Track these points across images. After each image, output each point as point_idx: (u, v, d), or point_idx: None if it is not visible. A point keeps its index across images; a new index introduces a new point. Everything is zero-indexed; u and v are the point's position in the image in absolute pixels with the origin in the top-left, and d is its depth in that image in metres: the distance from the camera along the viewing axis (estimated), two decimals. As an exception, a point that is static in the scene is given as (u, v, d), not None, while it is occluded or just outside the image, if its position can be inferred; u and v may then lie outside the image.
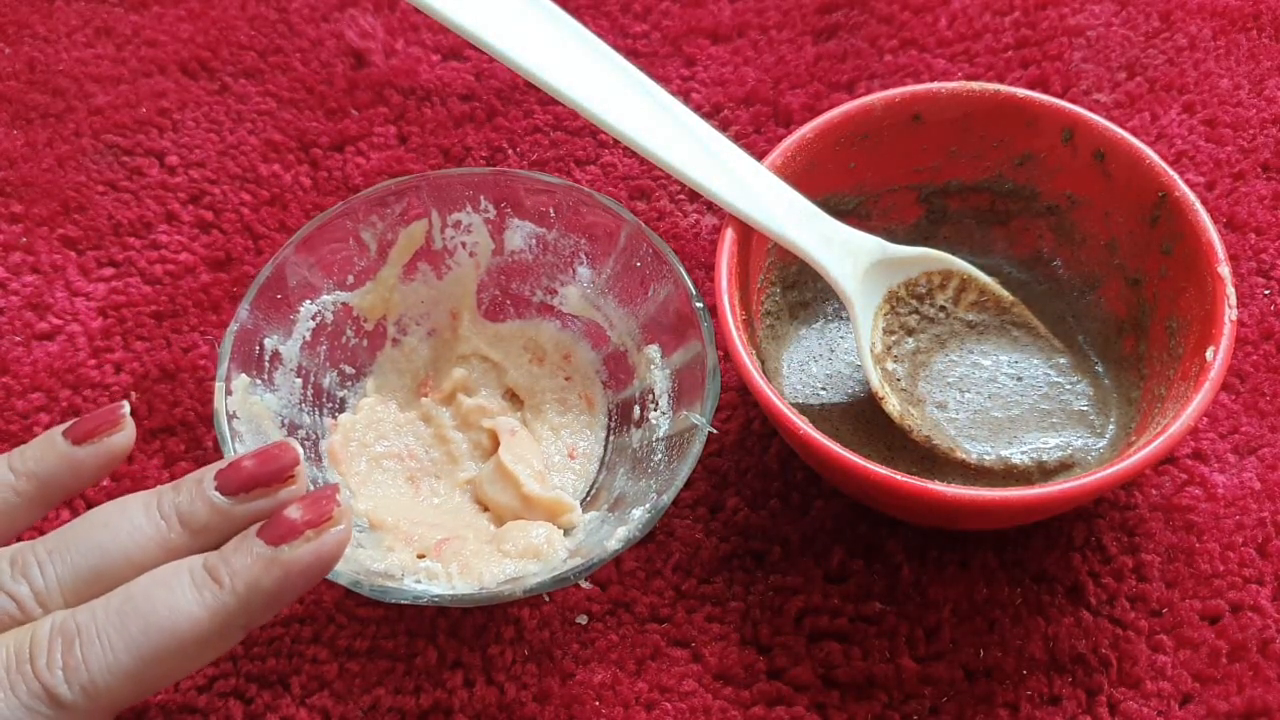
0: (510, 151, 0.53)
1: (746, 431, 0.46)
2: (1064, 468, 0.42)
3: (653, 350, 0.43)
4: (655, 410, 0.43)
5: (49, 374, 0.47)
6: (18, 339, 0.48)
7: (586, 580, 0.43)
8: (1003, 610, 0.42)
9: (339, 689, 0.41)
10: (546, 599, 0.42)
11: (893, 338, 0.44)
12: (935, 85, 0.44)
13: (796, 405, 0.44)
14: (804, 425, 0.37)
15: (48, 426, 0.46)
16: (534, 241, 0.45)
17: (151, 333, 0.49)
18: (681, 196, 0.52)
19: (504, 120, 0.54)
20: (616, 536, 0.38)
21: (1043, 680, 0.40)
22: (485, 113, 0.54)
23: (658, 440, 0.42)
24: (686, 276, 0.41)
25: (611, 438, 0.45)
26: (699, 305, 0.41)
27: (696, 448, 0.39)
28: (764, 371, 0.39)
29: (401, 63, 0.56)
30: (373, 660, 0.41)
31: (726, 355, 0.40)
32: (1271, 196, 0.51)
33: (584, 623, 0.42)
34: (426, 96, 0.55)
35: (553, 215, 0.45)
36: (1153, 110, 0.53)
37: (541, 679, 0.41)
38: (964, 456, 0.42)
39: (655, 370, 0.43)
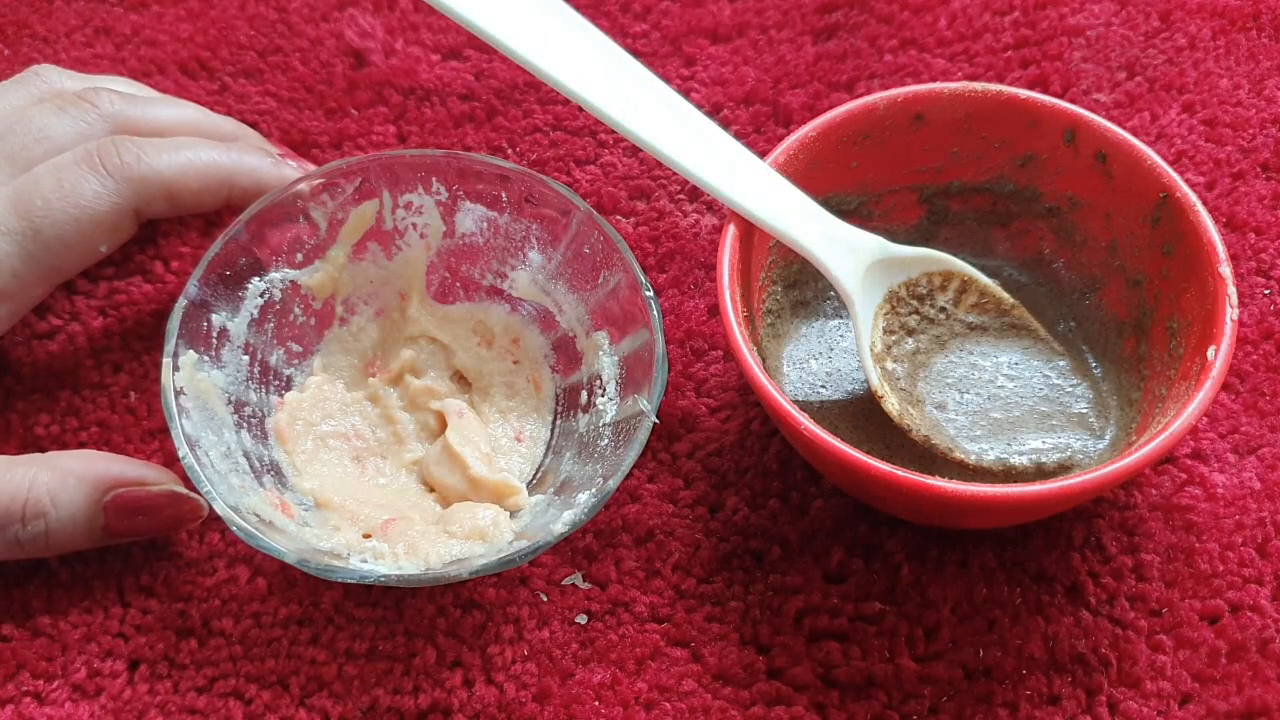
0: (510, 151, 0.53)
1: (746, 431, 0.45)
2: (1063, 470, 0.42)
3: (601, 336, 0.43)
4: (602, 396, 0.43)
5: (49, 374, 0.47)
6: (18, 339, 0.48)
7: (584, 580, 0.43)
8: (1002, 610, 0.42)
9: (338, 690, 0.41)
10: (544, 598, 0.42)
11: (893, 337, 0.44)
12: (938, 85, 0.44)
13: (796, 403, 0.44)
14: (806, 421, 0.37)
15: (48, 427, 0.46)
16: (485, 225, 0.45)
17: (151, 332, 0.48)
18: (681, 196, 0.52)
19: (504, 120, 0.54)
20: (563, 520, 0.38)
21: (1042, 680, 0.40)
22: (485, 112, 0.54)
23: (604, 425, 0.42)
24: (636, 265, 0.42)
25: (558, 422, 0.45)
26: (648, 294, 0.41)
27: (642, 435, 0.39)
28: (764, 369, 0.39)
29: (401, 62, 0.56)
30: (371, 661, 0.41)
31: (729, 352, 0.40)
32: (1271, 196, 0.51)
33: (584, 622, 0.42)
34: (426, 96, 0.55)
35: (504, 200, 0.45)
36: (1153, 110, 0.53)
37: (541, 679, 0.41)
38: (963, 457, 0.42)
39: (603, 356, 0.43)
